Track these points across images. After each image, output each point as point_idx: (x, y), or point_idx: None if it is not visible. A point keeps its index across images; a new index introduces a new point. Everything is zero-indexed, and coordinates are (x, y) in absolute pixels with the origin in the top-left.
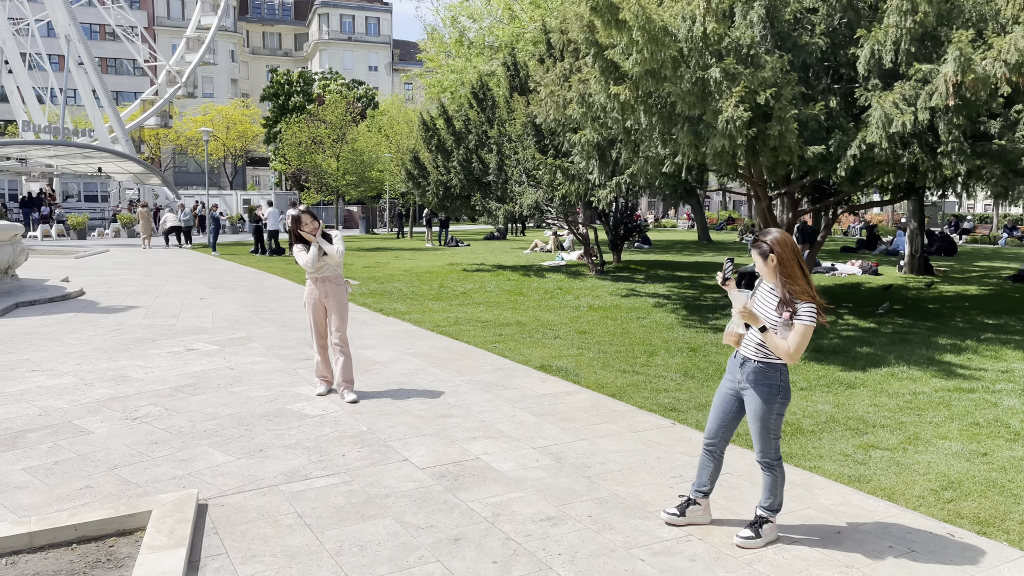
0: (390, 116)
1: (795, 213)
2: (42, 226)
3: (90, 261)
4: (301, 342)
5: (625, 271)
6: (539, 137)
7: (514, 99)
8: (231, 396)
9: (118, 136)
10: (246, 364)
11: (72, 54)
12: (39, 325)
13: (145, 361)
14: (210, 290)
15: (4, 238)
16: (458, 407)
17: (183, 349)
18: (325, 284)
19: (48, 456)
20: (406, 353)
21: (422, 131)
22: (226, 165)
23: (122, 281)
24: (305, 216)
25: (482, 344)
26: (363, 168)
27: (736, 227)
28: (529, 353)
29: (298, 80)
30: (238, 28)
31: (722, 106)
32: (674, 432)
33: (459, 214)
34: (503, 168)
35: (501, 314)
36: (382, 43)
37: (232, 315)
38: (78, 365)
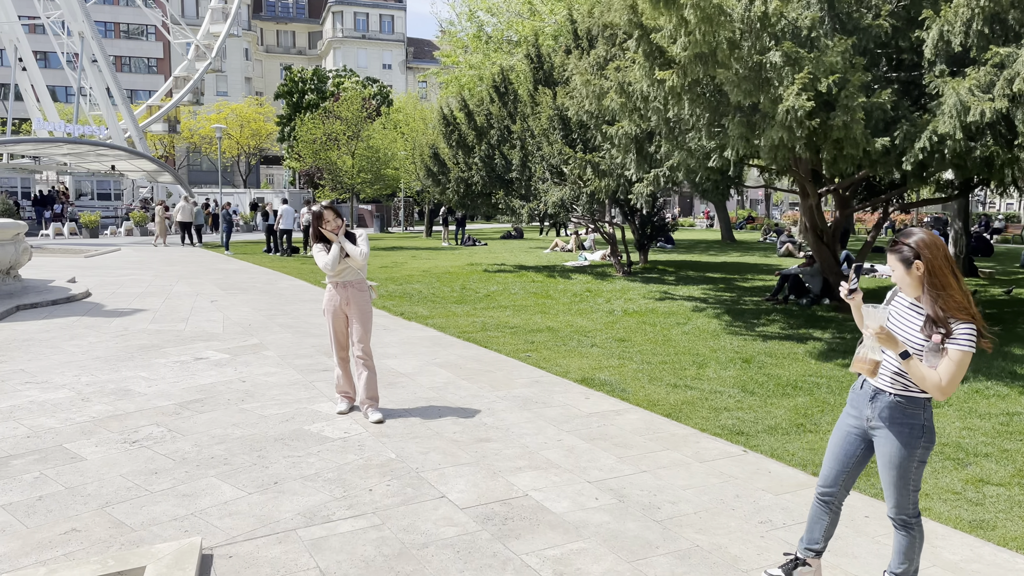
0: (405, 113)
1: (843, 212)
2: (54, 224)
3: (100, 260)
4: (318, 350)
5: (653, 272)
6: (566, 131)
7: (539, 92)
8: (242, 414)
9: (132, 134)
10: (259, 376)
11: (86, 51)
12: (39, 330)
13: (149, 372)
14: (222, 292)
15: (6, 237)
16: (496, 429)
17: (191, 358)
18: (347, 289)
19: (32, 489)
20: (432, 363)
21: (442, 126)
22: (240, 164)
23: (131, 282)
24: (327, 212)
25: (513, 353)
26: (378, 166)
27: (761, 226)
28: (566, 363)
29: (312, 78)
30: (252, 26)
31: (782, 94)
32: (747, 462)
33: (480, 212)
34: (527, 164)
35: (530, 319)
36: (396, 41)
37: (244, 319)
38: (76, 377)
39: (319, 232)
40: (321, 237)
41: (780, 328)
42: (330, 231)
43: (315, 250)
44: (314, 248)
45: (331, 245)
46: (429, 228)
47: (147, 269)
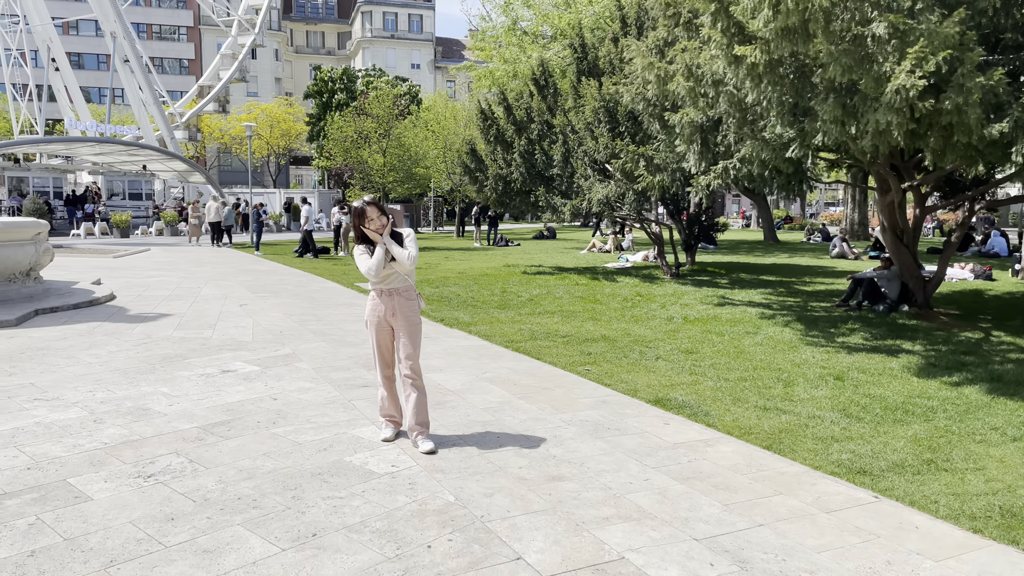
0: (436, 112)
1: (923, 210)
2: (85, 224)
3: (129, 261)
4: (356, 361)
5: (702, 274)
6: (613, 124)
7: (583, 83)
8: (274, 441)
9: (163, 134)
10: (292, 392)
11: (118, 51)
12: (56, 337)
13: (171, 387)
14: (251, 295)
15: (26, 236)
16: (568, 463)
17: (217, 370)
18: (392, 298)
19: (25, 540)
20: (482, 379)
21: (479, 121)
22: (269, 164)
23: (158, 283)
24: (370, 209)
25: (570, 366)
26: (409, 164)
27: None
28: (633, 380)
29: (341, 77)
30: (282, 27)
31: (890, 71)
32: (884, 513)
33: (519, 211)
34: (569, 160)
35: (581, 326)
36: (425, 40)
37: (275, 325)
38: (91, 393)
39: (361, 232)
40: (364, 238)
41: (863, 339)
42: (374, 231)
43: (356, 252)
44: (355, 250)
45: (375, 247)
46: (460, 228)
47: (176, 270)
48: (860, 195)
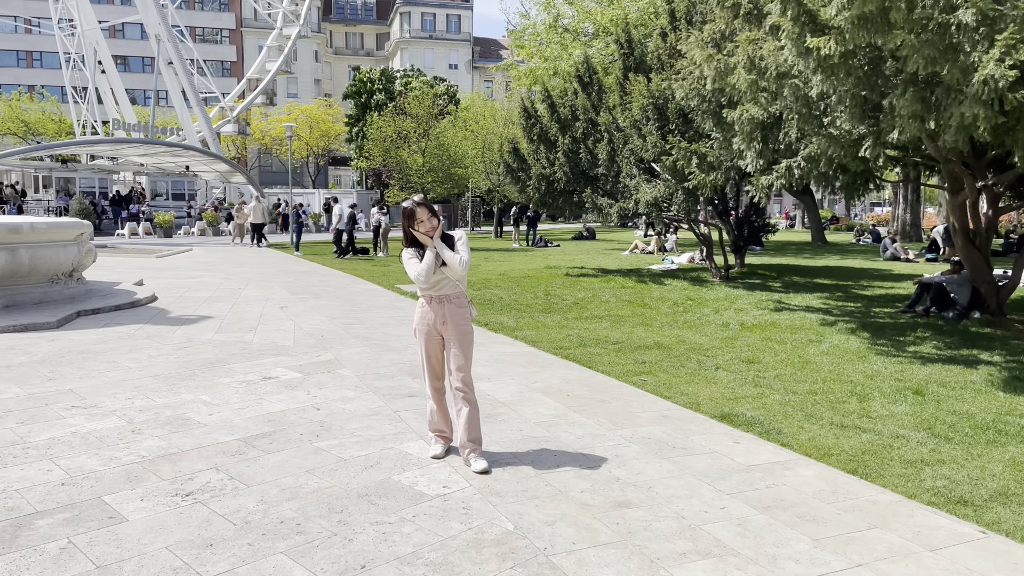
0: (474, 111)
1: (995, 211)
2: (130, 224)
3: (171, 261)
4: (400, 368)
5: (753, 277)
6: (662, 121)
7: (630, 80)
8: (318, 456)
9: (206, 135)
10: (336, 402)
11: (162, 54)
12: (96, 340)
13: (211, 395)
14: (292, 296)
15: (68, 237)
16: (634, 487)
17: (259, 377)
18: (443, 305)
19: (55, 569)
20: (533, 389)
21: (522, 119)
22: (309, 164)
23: (199, 284)
24: (421, 210)
25: (625, 376)
26: (448, 164)
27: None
28: (694, 392)
29: (380, 78)
30: (322, 29)
31: (976, 60)
32: (997, 552)
33: (562, 211)
34: (614, 159)
35: (632, 332)
36: (462, 40)
37: (317, 328)
38: (129, 400)
39: (410, 234)
40: (413, 240)
41: (935, 348)
42: (424, 233)
43: (405, 256)
44: (404, 254)
45: (424, 250)
46: (498, 228)
47: (217, 271)
48: (912, 195)
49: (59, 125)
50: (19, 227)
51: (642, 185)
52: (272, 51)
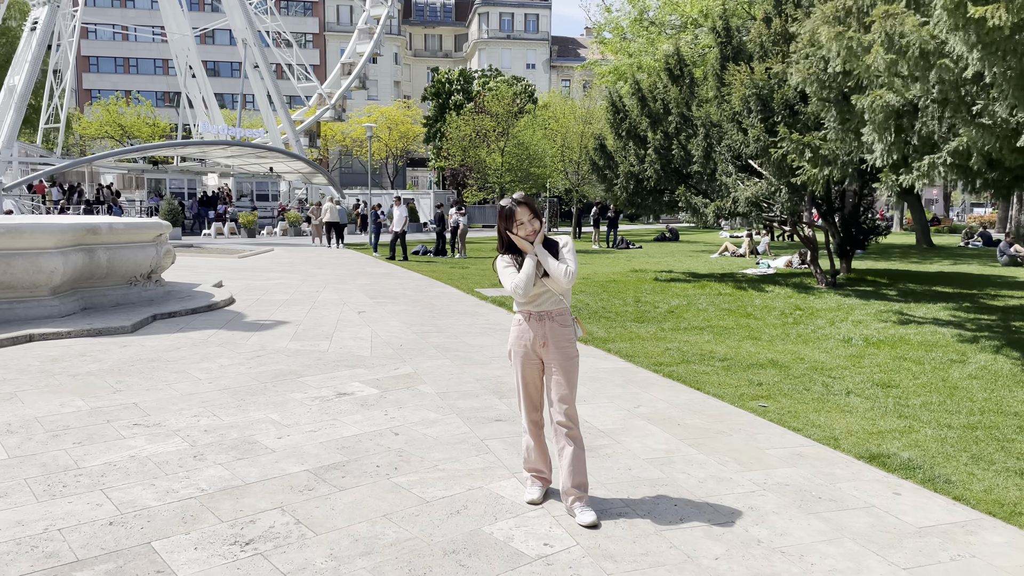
0: (554, 109)
1: None
2: (215, 224)
3: (252, 262)
4: (485, 386)
5: (863, 284)
6: (766, 113)
7: (729, 70)
8: (396, 496)
9: (289, 137)
10: (415, 426)
11: (249, 58)
12: (169, 347)
13: (282, 413)
14: (370, 300)
15: (147, 238)
16: (781, 552)
17: (333, 393)
18: (544, 324)
19: None
20: (637, 414)
21: (610, 114)
22: (388, 165)
23: (277, 287)
24: (522, 210)
25: (741, 401)
26: (527, 164)
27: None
28: (827, 423)
29: (458, 78)
30: (401, 31)
31: None
32: None
33: (651, 212)
34: (710, 156)
35: (739, 347)
36: (540, 40)
37: (395, 337)
38: (195, 418)
39: (507, 238)
40: (510, 245)
41: None
42: (524, 237)
43: (500, 264)
44: (498, 261)
45: (523, 258)
46: (577, 229)
47: (295, 272)
48: None
49: (152, 129)
50: (97, 228)
51: (741, 183)
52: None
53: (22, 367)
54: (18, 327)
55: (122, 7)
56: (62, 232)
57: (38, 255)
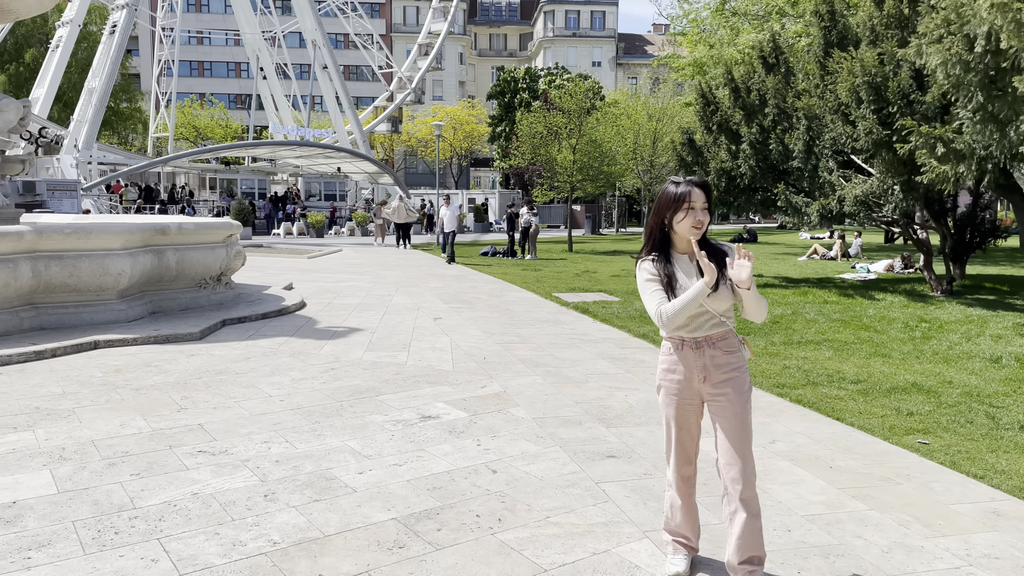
0: (624, 107)
1: None
2: (284, 224)
3: (321, 262)
4: (587, 410)
5: (982, 291)
6: (880, 103)
7: (835, 57)
8: (504, 560)
9: (356, 137)
10: (515, 460)
11: (318, 59)
12: (238, 357)
13: (361, 440)
14: (444, 305)
15: (217, 239)
16: None
17: (417, 415)
18: (703, 353)
19: None
20: (775, 452)
21: (699, 106)
22: (452, 165)
23: (348, 290)
24: (698, 193)
25: (893, 435)
26: (601, 161)
27: None
28: (1011, 466)
29: (524, 77)
30: (467, 31)
31: None
32: None
33: (746, 211)
34: (812, 151)
35: (868, 366)
36: (607, 37)
37: (476, 348)
38: (265, 445)
39: (660, 233)
40: (662, 243)
41: None
42: (693, 227)
43: (642, 277)
44: (641, 272)
45: (674, 268)
46: None
47: (365, 274)
48: None
49: (225, 130)
50: (166, 228)
51: (845, 180)
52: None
53: (84, 379)
54: (84, 333)
55: (197, 11)
56: (130, 233)
57: (105, 257)
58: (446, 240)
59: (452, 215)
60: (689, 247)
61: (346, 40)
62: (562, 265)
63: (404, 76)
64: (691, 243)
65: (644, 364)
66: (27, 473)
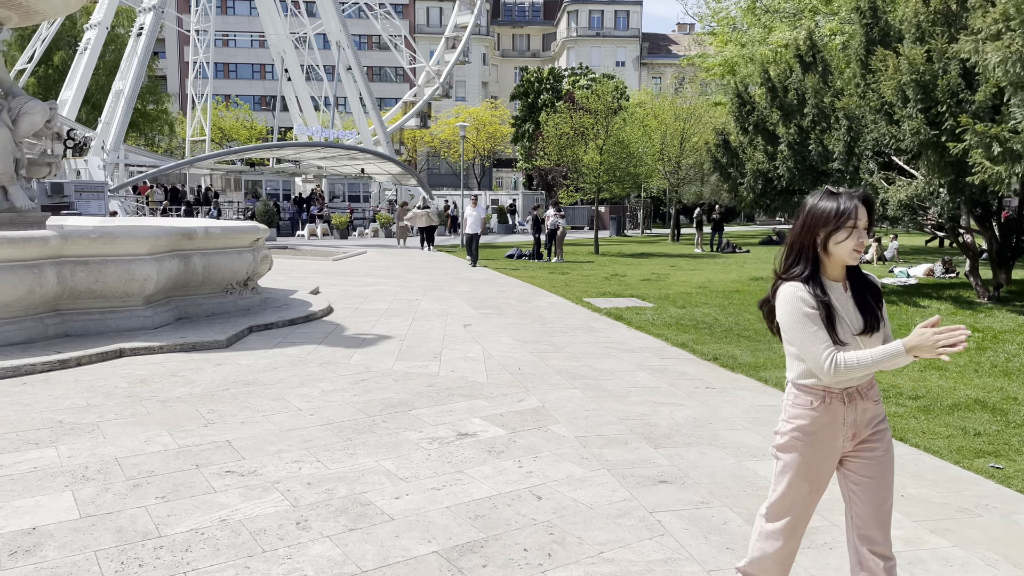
0: (651, 106)
1: None
2: (309, 225)
3: (346, 265)
4: (632, 428)
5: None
6: (928, 102)
7: (877, 54)
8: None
9: (380, 139)
10: (560, 484)
11: (342, 60)
12: (266, 366)
13: (396, 460)
14: (473, 311)
15: (244, 243)
16: None
17: (453, 432)
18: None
19: None
20: None
21: (734, 106)
22: (474, 166)
23: (375, 294)
24: (863, 212)
25: (960, 457)
26: (629, 162)
27: None
28: None
29: (547, 77)
30: (490, 31)
31: None
32: None
33: (783, 213)
34: (852, 152)
35: (924, 380)
36: (631, 37)
37: (510, 357)
38: (296, 464)
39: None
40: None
41: None
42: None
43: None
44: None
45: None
46: (676, 232)
47: (391, 277)
48: None
49: (250, 131)
50: (193, 232)
51: (887, 182)
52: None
53: (108, 389)
54: (109, 340)
55: (223, 13)
56: (156, 237)
57: (131, 262)
58: (470, 243)
59: (477, 217)
60: (843, 273)
61: (369, 41)
62: (590, 268)
63: (432, 70)
64: (844, 270)
65: (686, 376)
66: (48, 495)
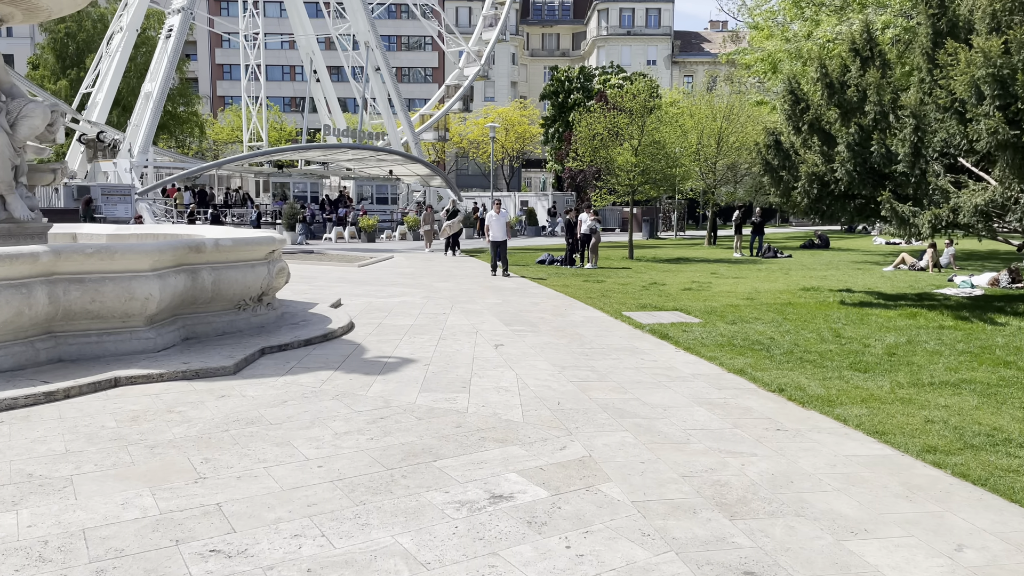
0: (688, 104)
1: None
2: (336, 228)
3: (372, 272)
4: (698, 488)
5: None
6: (1006, 99)
7: (948, 47)
8: None
9: (408, 140)
10: None
11: (371, 61)
12: (274, 399)
13: (416, 537)
14: (505, 327)
15: (258, 255)
16: None
17: (485, 495)
18: None
19: None
20: (963, 564)
21: (787, 104)
22: (503, 167)
23: (399, 306)
24: None
25: None
26: (665, 163)
27: None
28: None
29: (578, 76)
30: (519, 31)
31: None
32: None
33: (841, 219)
34: (920, 154)
35: None
36: (662, 35)
37: (547, 388)
38: (296, 541)
39: None
40: None
41: None
42: None
43: None
44: None
45: None
46: (712, 235)
47: (417, 287)
48: None
49: (279, 133)
50: (201, 245)
51: (957, 187)
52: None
53: (93, 430)
54: (105, 366)
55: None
56: (160, 252)
57: (131, 279)
58: (494, 252)
59: (500, 223)
60: None
61: (399, 42)
62: (626, 276)
63: (472, 52)
64: None
65: (751, 414)
66: None
